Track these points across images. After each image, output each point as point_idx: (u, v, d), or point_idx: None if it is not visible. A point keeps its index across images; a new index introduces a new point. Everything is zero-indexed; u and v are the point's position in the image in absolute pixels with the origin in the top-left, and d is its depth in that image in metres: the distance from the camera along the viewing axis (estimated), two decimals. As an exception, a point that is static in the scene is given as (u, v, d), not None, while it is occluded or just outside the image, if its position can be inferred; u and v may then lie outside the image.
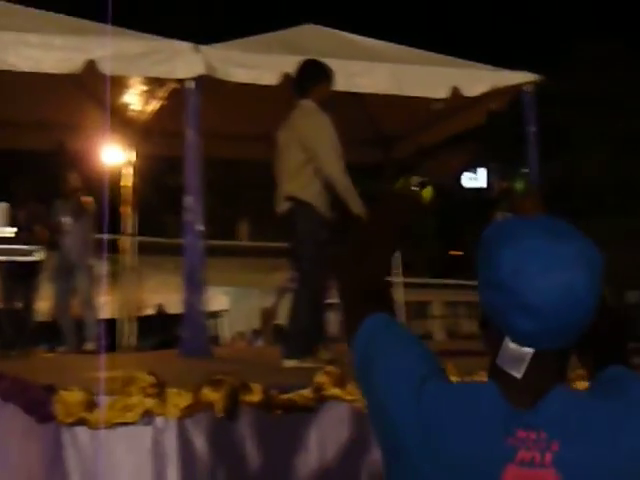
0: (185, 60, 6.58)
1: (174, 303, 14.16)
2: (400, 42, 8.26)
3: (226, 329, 19.17)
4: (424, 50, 8.15)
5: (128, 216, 10.07)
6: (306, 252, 5.15)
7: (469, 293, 26.57)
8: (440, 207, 1.90)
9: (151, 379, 3.10)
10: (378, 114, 9.80)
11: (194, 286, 6.37)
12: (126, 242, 10.13)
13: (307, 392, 3.24)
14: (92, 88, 8.22)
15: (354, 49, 7.73)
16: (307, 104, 5.43)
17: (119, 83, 7.71)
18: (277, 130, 5.63)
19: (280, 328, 16.46)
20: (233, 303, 18.81)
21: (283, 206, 5.33)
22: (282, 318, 16.86)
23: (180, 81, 6.77)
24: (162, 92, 8.05)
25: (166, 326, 14.76)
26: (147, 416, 3.10)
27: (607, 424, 1.44)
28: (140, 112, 9.10)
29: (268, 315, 16.11)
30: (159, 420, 3.14)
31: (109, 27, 6.74)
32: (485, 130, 9.21)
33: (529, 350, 1.44)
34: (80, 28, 6.72)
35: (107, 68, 6.32)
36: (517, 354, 1.45)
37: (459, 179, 1.92)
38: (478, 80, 7.67)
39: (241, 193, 28.48)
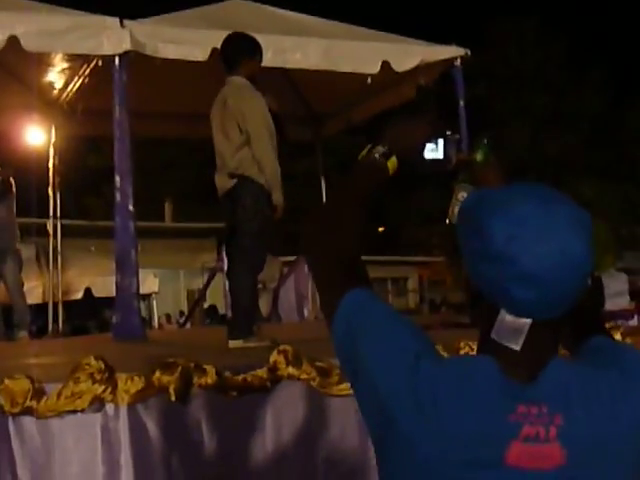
0: (111, 36, 6.37)
1: (100, 286, 13.94)
2: (327, 17, 8.18)
3: (155, 312, 18.96)
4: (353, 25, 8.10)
5: (50, 198, 9.79)
6: (251, 229, 5.07)
7: (395, 269, 26.86)
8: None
9: (99, 364, 2.98)
10: (307, 91, 9.72)
11: (126, 268, 6.22)
12: (50, 225, 9.84)
13: (262, 372, 3.16)
14: (13, 65, 7.95)
15: (284, 24, 7.62)
16: (238, 80, 5.31)
17: (41, 60, 7.47)
18: (204, 108, 5.52)
19: (211, 310, 16.38)
20: (159, 285, 18.59)
21: (227, 183, 5.21)
22: (211, 299, 16.75)
23: (105, 58, 6.58)
24: (86, 69, 7.82)
25: (94, 310, 14.50)
26: (97, 403, 2.98)
27: (607, 394, 1.41)
28: (62, 90, 8.83)
29: (196, 297, 15.95)
30: (109, 407, 3.02)
31: (33, 2, 6.54)
32: (411, 106, 9.18)
33: (527, 321, 1.40)
34: (2, 3, 6.46)
35: (31, 44, 6.11)
36: (515, 326, 1.40)
37: (422, 150, 1.88)
38: (409, 55, 7.64)
39: (164, 173, 28.11)
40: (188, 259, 20.57)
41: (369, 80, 7.54)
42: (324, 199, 10.43)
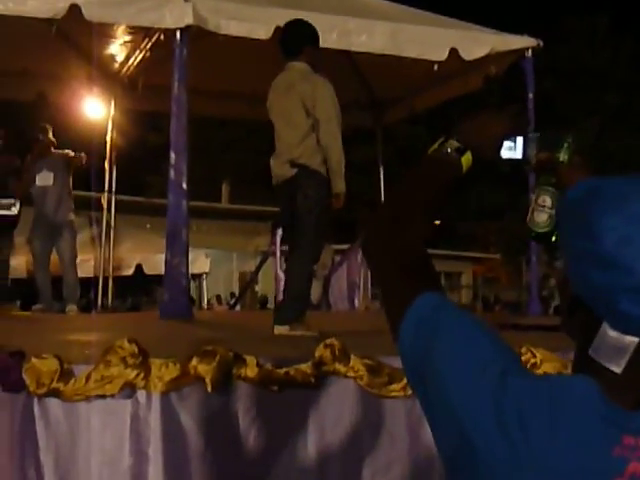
0: (174, 9, 6.24)
1: (152, 264, 13.89)
2: (396, 1, 7.95)
3: (205, 292, 18.95)
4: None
5: (106, 172, 9.76)
6: (311, 220, 4.96)
7: (449, 264, 26.57)
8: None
9: (133, 348, 2.80)
10: (370, 76, 9.50)
11: (176, 247, 6.11)
12: (104, 199, 9.81)
13: (306, 367, 2.95)
14: (74, 36, 7.87)
15: (350, 5, 7.40)
16: (302, 66, 5.19)
17: (102, 32, 7.35)
18: (265, 88, 5.36)
19: (262, 299, 16.29)
20: (211, 266, 18.59)
21: (287, 171, 5.08)
22: (262, 283, 16.62)
23: (167, 32, 6.44)
24: (147, 43, 7.70)
25: (144, 287, 14.44)
26: (127, 389, 2.81)
27: None
28: (123, 64, 8.75)
29: (248, 280, 15.88)
30: (140, 394, 2.85)
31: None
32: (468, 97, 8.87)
33: (634, 339, 1.16)
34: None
35: (92, 14, 6.01)
36: (618, 344, 1.17)
37: (499, 148, 1.68)
38: (478, 43, 7.39)
39: (224, 155, 28.12)
40: (242, 242, 20.57)
41: (436, 67, 7.31)
42: (382, 188, 10.22)
